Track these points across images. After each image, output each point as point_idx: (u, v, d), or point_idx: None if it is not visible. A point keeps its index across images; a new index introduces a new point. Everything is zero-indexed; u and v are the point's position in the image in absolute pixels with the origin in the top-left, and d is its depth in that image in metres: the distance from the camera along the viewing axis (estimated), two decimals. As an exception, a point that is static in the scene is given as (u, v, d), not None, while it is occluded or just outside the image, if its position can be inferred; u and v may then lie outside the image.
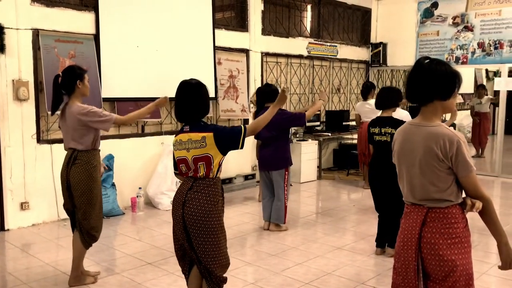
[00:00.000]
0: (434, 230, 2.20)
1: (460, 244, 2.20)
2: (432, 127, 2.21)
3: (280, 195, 5.27)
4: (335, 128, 8.65)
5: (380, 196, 4.61)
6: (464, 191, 2.24)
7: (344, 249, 4.79)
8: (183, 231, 2.87)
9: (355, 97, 9.94)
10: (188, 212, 2.82)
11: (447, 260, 2.18)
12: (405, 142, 2.31)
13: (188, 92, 2.93)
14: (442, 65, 2.23)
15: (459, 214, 2.22)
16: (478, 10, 8.58)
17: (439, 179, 2.19)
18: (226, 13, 7.53)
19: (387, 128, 4.44)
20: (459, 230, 2.20)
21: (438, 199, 2.20)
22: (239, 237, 5.14)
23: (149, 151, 6.45)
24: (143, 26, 6.19)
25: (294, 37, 8.45)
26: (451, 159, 2.15)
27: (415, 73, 2.26)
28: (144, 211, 6.11)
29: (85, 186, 3.70)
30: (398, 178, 2.42)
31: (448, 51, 8.91)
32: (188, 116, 2.93)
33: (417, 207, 2.27)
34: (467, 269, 2.22)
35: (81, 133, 3.69)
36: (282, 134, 5.21)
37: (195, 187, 2.85)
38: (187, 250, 2.95)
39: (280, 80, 8.27)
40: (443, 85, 2.20)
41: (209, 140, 2.81)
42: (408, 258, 2.26)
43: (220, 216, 2.92)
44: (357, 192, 7.47)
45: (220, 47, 7.15)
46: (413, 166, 2.26)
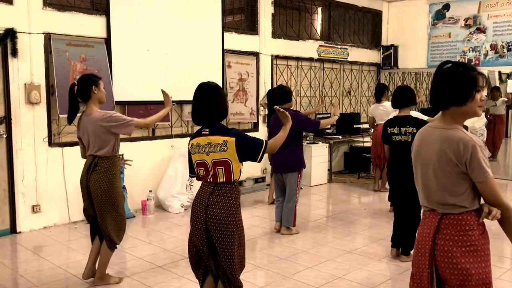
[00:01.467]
0: (447, 237, 2.14)
1: (476, 252, 2.12)
2: (448, 130, 2.15)
3: (291, 198, 5.25)
4: (346, 131, 8.60)
5: (398, 197, 4.56)
6: (482, 198, 2.16)
7: (355, 253, 4.75)
8: (204, 236, 2.85)
9: (366, 100, 9.89)
10: (212, 216, 2.81)
11: (462, 268, 2.11)
12: (422, 144, 2.27)
13: (207, 94, 2.90)
14: (459, 69, 2.15)
15: (474, 221, 2.13)
16: (491, 11, 8.49)
17: (452, 183, 2.13)
18: (236, 16, 7.53)
19: (408, 128, 4.40)
20: (474, 238, 2.12)
21: (452, 204, 2.14)
22: (249, 241, 5.12)
23: (159, 154, 6.47)
24: (153, 29, 6.22)
25: (305, 40, 8.43)
26: (466, 163, 2.08)
27: (435, 79, 2.24)
28: (154, 214, 6.12)
29: (105, 193, 3.72)
30: (415, 181, 2.37)
31: (460, 53, 8.83)
32: (207, 118, 2.90)
33: (432, 213, 2.23)
34: (483, 278, 2.13)
35: (102, 139, 3.71)
36: (295, 137, 5.19)
37: (217, 191, 2.85)
38: (204, 257, 2.92)
39: (290, 83, 8.25)
40: (458, 91, 2.13)
41: (230, 145, 2.79)
42: (421, 265, 2.22)
43: (241, 219, 2.93)
44: (368, 196, 7.41)
45: (230, 50, 7.15)
46: (428, 169, 2.22)
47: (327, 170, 8.25)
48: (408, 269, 4.25)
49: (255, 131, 7.64)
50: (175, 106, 6.56)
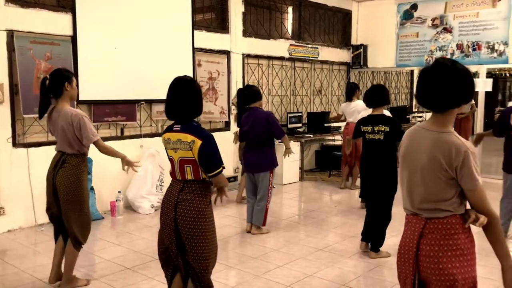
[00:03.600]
0: (433, 242, 2.07)
1: (462, 256, 2.05)
2: (440, 133, 2.05)
3: (263, 197, 5.24)
4: (317, 130, 8.65)
5: (370, 194, 4.60)
6: (469, 204, 2.09)
7: (326, 250, 4.77)
8: (172, 234, 2.80)
9: (337, 98, 9.98)
10: (182, 213, 2.76)
11: (448, 273, 2.03)
12: (411, 146, 2.16)
13: (181, 88, 2.82)
14: (461, 66, 2.04)
15: (459, 224, 2.06)
16: (457, 12, 8.68)
17: (441, 189, 2.05)
18: (207, 15, 7.47)
19: (380, 126, 4.42)
20: (460, 241, 2.05)
21: (437, 209, 2.07)
22: (221, 240, 5.01)
23: (128, 154, 6.22)
24: (121, 27, 6.10)
25: (276, 39, 8.44)
26: (456, 169, 1.99)
27: (437, 78, 2.03)
28: (123, 215, 6.01)
29: (72, 190, 3.63)
30: (400, 184, 2.29)
31: (428, 52, 8.99)
32: (180, 114, 2.83)
33: (415, 218, 2.15)
34: (469, 282, 2.07)
35: (71, 137, 3.62)
36: (267, 136, 5.18)
37: (186, 188, 2.80)
38: (172, 255, 2.87)
39: (261, 82, 8.25)
40: (466, 94, 2.03)
41: (195, 147, 2.73)
42: (405, 271, 2.16)
43: (212, 217, 2.88)
44: (339, 193, 7.47)
45: (200, 49, 7.09)
46: (415, 172, 2.12)
47: (298, 168, 8.28)
48: (378, 265, 4.32)
49: (227, 130, 7.60)
50: (144, 105, 6.46)
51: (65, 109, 3.64)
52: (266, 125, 5.12)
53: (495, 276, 3.90)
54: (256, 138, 5.18)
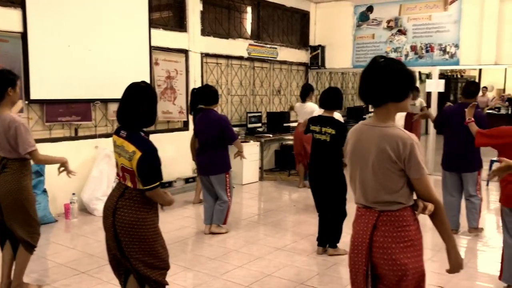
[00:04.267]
0: (386, 234, 2.15)
1: (413, 247, 2.16)
2: (386, 128, 2.15)
3: (223, 197, 5.20)
4: (276, 130, 8.70)
5: (319, 195, 4.65)
6: (415, 194, 2.20)
7: (285, 249, 4.79)
8: (113, 239, 2.73)
9: (296, 99, 10.04)
10: (120, 220, 2.68)
11: (400, 264, 2.13)
12: (358, 143, 2.25)
13: (133, 95, 2.72)
14: (397, 65, 2.16)
15: (410, 216, 2.17)
16: (410, 14, 8.94)
17: (391, 181, 2.14)
18: (164, 13, 7.37)
19: (328, 128, 4.46)
20: (411, 233, 2.16)
21: (390, 201, 2.16)
22: (179, 242, 5.02)
23: (83, 155, 6.18)
24: (75, 24, 5.92)
25: (234, 39, 8.42)
26: (404, 161, 2.10)
27: (370, 73, 2.17)
28: (78, 218, 5.84)
29: (15, 196, 3.46)
30: (350, 180, 2.35)
31: (384, 53, 9.19)
32: (128, 121, 2.74)
33: (369, 210, 2.22)
34: (419, 272, 2.18)
35: (11, 142, 3.44)
36: (219, 139, 5.13)
37: (127, 194, 2.72)
38: (120, 259, 2.81)
39: (221, 82, 8.21)
40: (398, 87, 2.13)
41: (135, 158, 2.63)
42: (358, 263, 2.21)
43: (155, 222, 2.80)
44: (298, 192, 7.54)
45: (158, 47, 6.98)
46: (366, 167, 2.20)
47: (258, 168, 8.30)
48: (335, 263, 4.38)
49: (186, 130, 7.52)
50: (100, 105, 6.30)
51: (5, 114, 3.45)
52: (219, 128, 5.09)
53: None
54: (209, 140, 5.15)
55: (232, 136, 5.15)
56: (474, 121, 4.26)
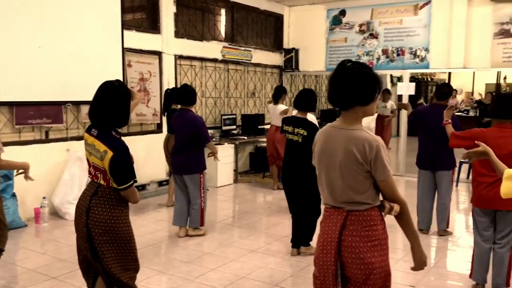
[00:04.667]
0: (354, 233, 2.19)
1: (379, 246, 2.21)
2: (353, 131, 2.19)
3: (196, 200, 5.18)
4: (251, 132, 8.72)
5: (292, 196, 4.68)
6: (381, 195, 2.25)
7: (259, 251, 4.81)
8: (86, 240, 2.69)
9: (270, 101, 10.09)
10: (94, 219, 2.66)
11: (368, 263, 2.17)
12: (326, 145, 2.28)
13: (105, 93, 2.69)
14: (364, 69, 2.20)
15: (377, 216, 2.23)
16: (382, 18, 9.09)
17: (358, 182, 2.18)
18: (137, 14, 7.30)
19: (300, 129, 4.49)
20: (378, 232, 2.21)
21: (358, 202, 2.20)
22: (152, 245, 4.97)
23: (53, 158, 6.06)
24: (46, 25, 5.81)
25: (208, 41, 8.40)
26: (370, 163, 2.15)
27: (338, 77, 2.20)
28: (49, 222, 5.72)
29: None
30: (318, 181, 2.37)
31: (356, 57, 9.33)
32: (99, 120, 2.72)
33: (337, 210, 2.25)
34: (385, 270, 2.22)
35: None
36: (194, 139, 5.12)
37: (100, 192, 2.70)
38: (91, 261, 2.77)
39: (195, 84, 8.18)
40: (365, 91, 2.18)
41: (106, 158, 2.61)
42: (327, 262, 2.23)
43: (128, 221, 2.79)
44: (272, 194, 7.57)
45: (131, 49, 6.92)
46: (334, 169, 2.23)
47: (233, 170, 8.30)
48: (309, 264, 4.40)
49: (159, 133, 7.46)
50: (71, 107, 6.20)
51: None
52: (193, 129, 5.08)
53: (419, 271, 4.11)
54: (184, 140, 5.13)
55: (205, 138, 5.13)
56: (451, 123, 4.36)
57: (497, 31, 8.05)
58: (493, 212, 3.71)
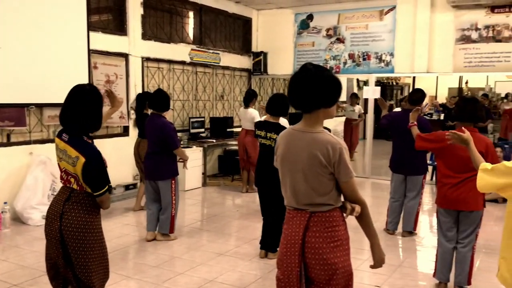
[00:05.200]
0: (317, 234, 2.22)
1: (342, 246, 2.25)
2: (316, 134, 2.22)
3: (168, 206, 5.13)
4: (220, 135, 8.70)
5: (264, 199, 4.69)
6: (343, 196, 2.29)
7: (227, 255, 4.79)
8: (59, 246, 2.63)
9: (239, 104, 10.09)
10: (67, 224, 2.60)
11: (330, 263, 2.20)
12: (289, 148, 2.30)
13: (75, 97, 2.63)
14: (326, 72, 2.24)
15: (339, 217, 2.27)
16: (348, 23, 9.24)
17: (321, 184, 2.21)
18: (103, 16, 7.18)
19: (273, 134, 4.50)
20: (340, 233, 2.25)
21: (321, 203, 2.23)
22: (119, 250, 4.89)
23: (16, 162, 5.88)
24: (8, 25, 5.64)
25: (176, 43, 8.34)
26: (334, 165, 2.18)
27: (303, 80, 2.21)
28: (10, 228, 5.54)
29: None
30: (281, 183, 2.39)
31: (323, 61, 9.45)
32: (70, 124, 2.66)
33: (300, 212, 2.27)
34: (348, 270, 2.27)
35: None
36: (165, 144, 5.06)
37: (73, 198, 2.64)
38: (61, 268, 2.70)
39: (162, 86, 8.10)
40: (329, 93, 2.21)
41: (79, 165, 2.57)
42: (291, 264, 2.24)
43: (101, 227, 2.75)
44: (241, 197, 7.57)
45: (97, 51, 6.80)
46: (297, 171, 2.26)
47: (201, 173, 8.25)
48: (278, 266, 4.42)
49: (126, 136, 7.35)
50: (34, 109, 6.03)
51: None
52: (162, 135, 5.03)
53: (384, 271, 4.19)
54: (155, 145, 5.09)
55: (173, 144, 5.05)
56: (416, 125, 4.46)
57: (458, 37, 8.31)
58: (456, 213, 3.82)
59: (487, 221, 5.96)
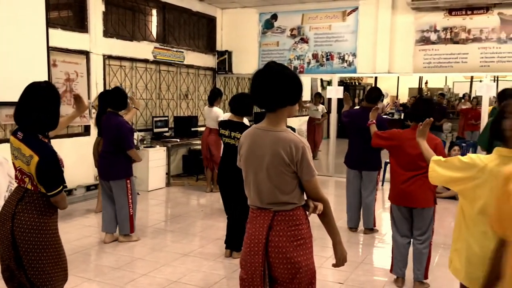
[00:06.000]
0: (281, 233, 2.23)
1: (305, 244, 2.26)
2: (279, 132, 2.22)
3: (123, 205, 5.03)
4: (184, 134, 8.63)
5: (228, 198, 4.68)
6: (305, 194, 2.31)
7: (191, 255, 4.76)
8: (10, 248, 2.54)
9: (203, 103, 10.02)
10: (19, 225, 2.52)
11: (294, 262, 2.21)
12: (253, 147, 2.29)
13: (30, 95, 2.56)
14: (289, 70, 2.25)
15: (303, 215, 2.28)
16: (312, 24, 9.34)
17: (285, 183, 2.22)
18: (63, 12, 6.99)
19: (237, 133, 4.50)
20: (303, 232, 2.26)
21: (284, 202, 2.24)
22: (80, 252, 4.78)
23: (-30, 162, 5.65)
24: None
25: (139, 41, 8.22)
26: (297, 164, 2.19)
27: (267, 79, 2.20)
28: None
29: None
30: (244, 183, 2.39)
31: (287, 61, 9.51)
32: (24, 123, 2.58)
33: (264, 211, 2.27)
34: (311, 268, 2.29)
35: None
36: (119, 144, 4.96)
37: (27, 198, 2.56)
38: (14, 271, 2.62)
39: (124, 85, 7.96)
40: (293, 92, 2.22)
41: (33, 164, 2.50)
42: (254, 264, 2.24)
43: (56, 228, 2.67)
44: (205, 197, 7.53)
45: (56, 48, 6.61)
46: (260, 170, 2.26)
47: (165, 173, 8.16)
48: (242, 266, 4.42)
49: (87, 135, 7.19)
50: (-10, 108, 5.82)
51: None
52: (116, 134, 4.94)
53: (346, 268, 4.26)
54: (110, 145, 4.99)
55: (127, 144, 4.93)
56: (375, 123, 4.55)
57: (418, 38, 8.53)
58: (409, 209, 3.93)
59: (445, 217, 6.16)
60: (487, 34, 8.03)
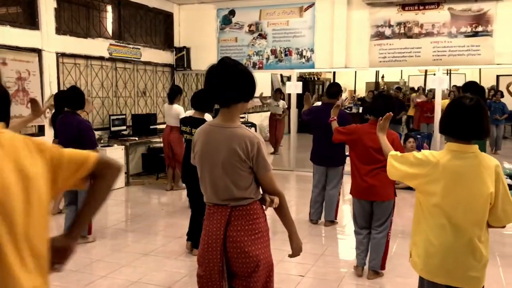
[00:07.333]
0: (238, 228, 2.24)
1: (262, 238, 2.30)
2: (234, 129, 2.23)
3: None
4: (143, 132, 8.48)
5: (193, 194, 4.64)
6: (261, 188, 2.33)
7: (152, 254, 4.70)
8: None
9: (162, 100, 9.89)
10: None
11: (252, 256, 2.23)
12: (208, 144, 2.29)
13: None
14: (243, 66, 2.27)
15: (259, 209, 2.31)
16: (270, 19, 9.36)
17: (241, 178, 2.23)
18: (11, 8, 6.72)
19: None
20: (261, 225, 2.30)
21: (241, 197, 2.25)
22: (36, 256, 4.63)
23: None
24: None
25: (94, 38, 8.01)
26: (253, 159, 2.22)
27: (223, 75, 2.21)
28: None
29: None
30: (200, 180, 2.38)
31: (246, 56, 9.52)
32: None
33: (221, 208, 2.28)
34: (269, 261, 2.33)
35: None
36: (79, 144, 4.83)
37: None
38: None
39: (80, 83, 7.75)
40: (248, 87, 2.24)
41: None
42: (212, 260, 2.25)
43: None
44: (166, 195, 7.44)
45: (5, 46, 6.36)
46: (216, 167, 2.26)
47: (124, 173, 8.01)
48: (204, 263, 4.40)
49: (41, 135, 6.95)
50: None
51: None
52: (77, 134, 4.81)
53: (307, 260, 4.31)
54: (68, 145, 4.83)
55: (90, 144, 4.82)
56: (336, 119, 4.60)
57: (373, 33, 8.70)
58: (369, 203, 4.01)
59: (403, 207, 6.32)
60: (439, 28, 8.29)
